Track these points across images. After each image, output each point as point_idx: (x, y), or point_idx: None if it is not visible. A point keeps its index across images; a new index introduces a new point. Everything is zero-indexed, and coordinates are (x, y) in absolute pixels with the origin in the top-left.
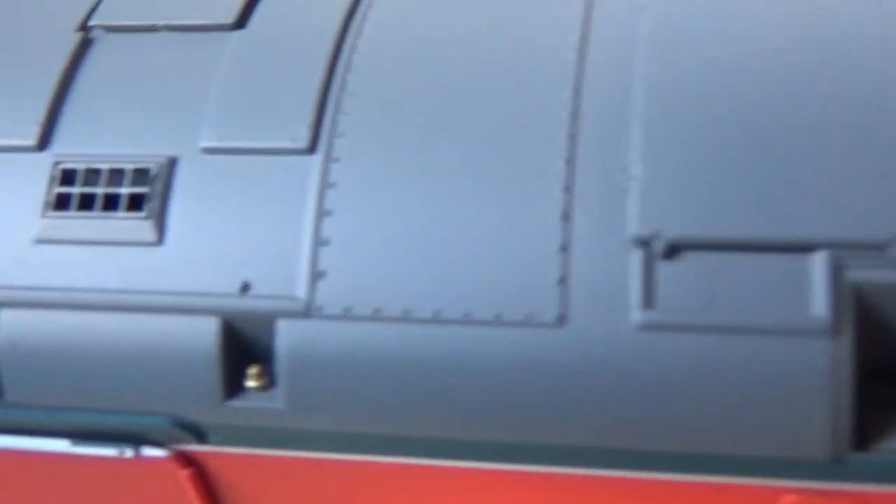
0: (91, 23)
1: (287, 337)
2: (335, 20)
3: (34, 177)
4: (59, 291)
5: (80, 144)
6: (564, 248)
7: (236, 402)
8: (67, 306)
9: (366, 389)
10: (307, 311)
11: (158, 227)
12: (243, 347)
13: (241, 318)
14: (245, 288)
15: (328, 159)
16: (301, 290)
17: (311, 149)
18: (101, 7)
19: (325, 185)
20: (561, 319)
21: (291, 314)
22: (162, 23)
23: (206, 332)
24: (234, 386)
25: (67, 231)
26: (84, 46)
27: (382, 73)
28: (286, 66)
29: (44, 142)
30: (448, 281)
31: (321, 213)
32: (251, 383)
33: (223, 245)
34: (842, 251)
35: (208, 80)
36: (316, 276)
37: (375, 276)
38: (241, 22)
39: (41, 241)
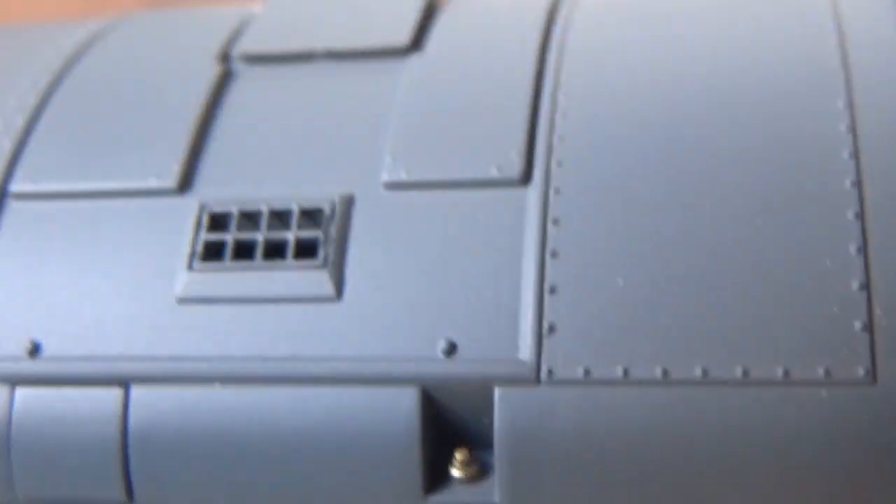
0: (233, 51)
1: (507, 410)
2: (532, 34)
3: (175, 223)
4: (208, 362)
5: (228, 185)
6: (864, 286)
7: (439, 497)
8: (220, 380)
9: (615, 474)
10: (533, 376)
11: (336, 277)
12: (448, 426)
13: (445, 387)
14: (450, 349)
15: (547, 190)
16: (524, 350)
17: (525, 179)
18: (245, 34)
19: (546, 220)
20: (870, 375)
21: (512, 380)
22: (321, 49)
23: (402, 406)
24: (436, 476)
25: (220, 286)
26: (226, 77)
27: (600, 89)
28: (481, 88)
29: (186, 183)
30: (716, 332)
31: (545, 255)
32: (457, 472)
33: (419, 297)
34: None
35: (384, 109)
36: (543, 331)
37: (620, 330)
38: (416, 44)
39: (187, 299)
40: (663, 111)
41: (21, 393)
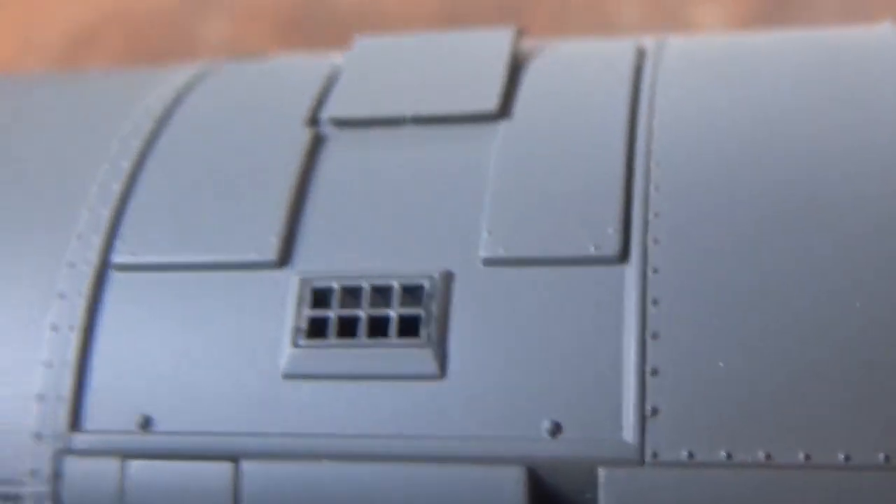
0: (322, 114)
1: (612, 491)
2: (619, 100)
3: (277, 297)
4: (315, 438)
5: (327, 258)
6: None
7: None
8: (326, 456)
9: None
10: (638, 458)
11: (439, 356)
12: None
13: (550, 467)
14: (555, 430)
15: (645, 269)
16: (628, 432)
17: (623, 257)
18: (332, 96)
19: (645, 300)
20: None
21: (617, 462)
22: (409, 114)
23: (508, 486)
24: None
25: (325, 363)
26: (317, 143)
27: (692, 158)
28: (573, 160)
29: (285, 257)
30: (817, 417)
31: (645, 336)
32: None
33: (522, 377)
34: None
35: (479, 180)
36: (646, 413)
37: (723, 413)
38: (504, 110)
39: (292, 375)
40: (758, 180)
41: (133, 466)
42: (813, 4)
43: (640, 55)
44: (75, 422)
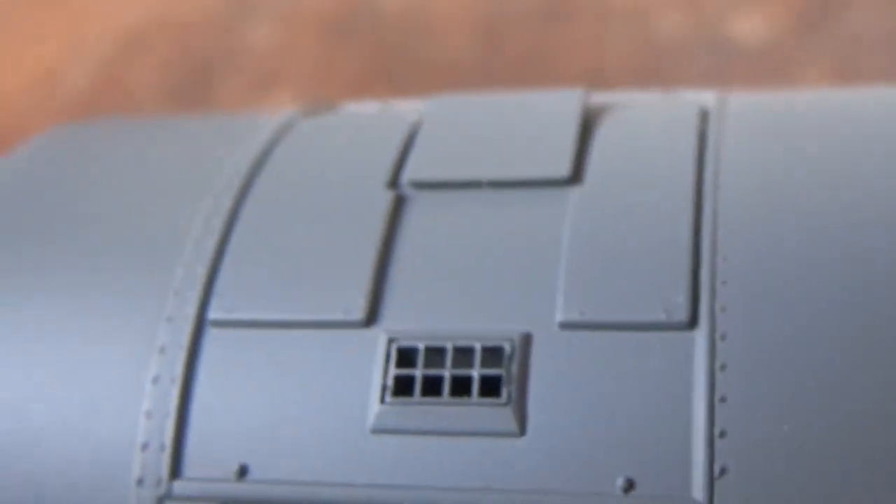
0: (402, 177)
1: None
2: (685, 168)
3: (363, 356)
4: (400, 490)
5: (413, 319)
6: None
7: None
8: None
9: None
10: None
11: (519, 415)
12: None
13: None
14: (628, 486)
15: (713, 335)
16: (697, 490)
17: (692, 323)
18: (411, 159)
19: (714, 366)
20: None
21: None
22: (485, 178)
23: None
24: None
25: (410, 419)
26: (398, 205)
27: (760, 230)
28: (643, 227)
29: (372, 317)
30: (876, 480)
31: (713, 400)
32: None
33: (598, 436)
34: None
35: (552, 244)
36: (714, 473)
37: (788, 474)
38: (575, 176)
39: (380, 430)
40: (825, 248)
41: None
42: (853, 15)
43: (704, 118)
44: (176, 469)
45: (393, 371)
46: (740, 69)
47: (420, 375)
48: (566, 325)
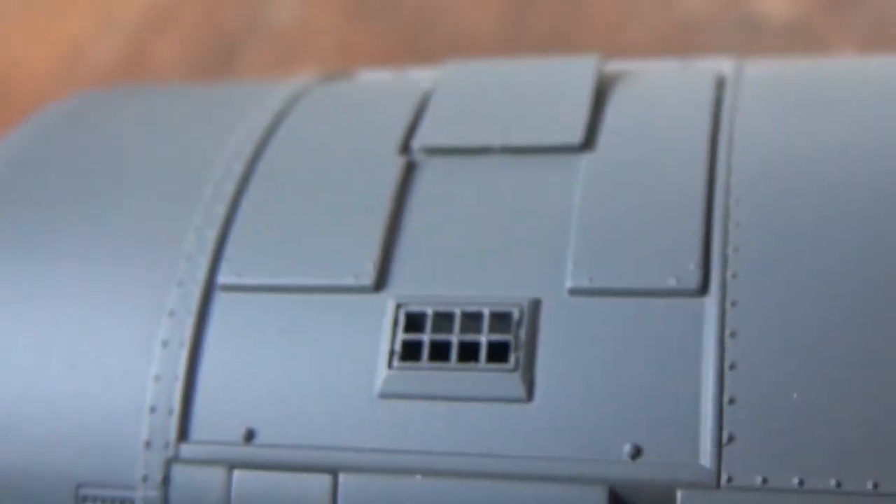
0: (413, 143)
1: None
2: (699, 135)
3: (372, 321)
4: (408, 454)
5: (421, 284)
6: None
7: None
8: (421, 472)
9: None
10: (714, 482)
11: (527, 380)
12: None
13: (632, 488)
14: (636, 453)
15: (724, 302)
16: (705, 457)
17: (703, 290)
18: (422, 124)
19: (724, 333)
20: None
21: (694, 485)
22: (497, 144)
23: None
24: None
25: (417, 384)
26: (409, 171)
27: (772, 197)
28: (654, 194)
29: (381, 282)
30: (887, 447)
31: (723, 366)
32: None
33: (606, 402)
34: None
35: (563, 211)
36: (722, 440)
37: (797, 441)
38: (588, 142)
39: (387, 395)
40: (836, 216)
41: (238, 475)
42: None
43: (720, 85)
44: (183, 432)
45: (401, 336)
46: (765, 46)
47: (428, 340)
48: (575, 292)
